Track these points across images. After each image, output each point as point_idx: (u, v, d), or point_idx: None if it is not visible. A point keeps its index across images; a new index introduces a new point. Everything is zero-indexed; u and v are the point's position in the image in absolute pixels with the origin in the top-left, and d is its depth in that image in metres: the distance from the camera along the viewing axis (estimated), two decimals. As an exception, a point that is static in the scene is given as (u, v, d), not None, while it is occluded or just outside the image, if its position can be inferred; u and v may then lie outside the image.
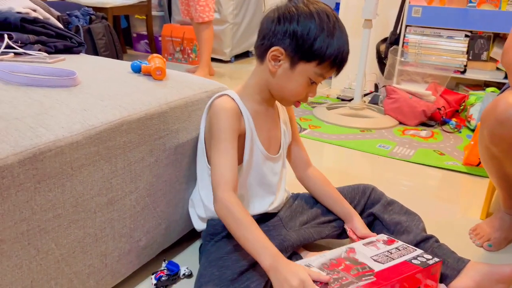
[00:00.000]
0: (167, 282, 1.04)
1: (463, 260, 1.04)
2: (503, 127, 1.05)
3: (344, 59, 0.98)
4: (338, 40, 0.95)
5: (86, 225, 0.86)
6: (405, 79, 2.60)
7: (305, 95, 1.02)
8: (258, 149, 1.05)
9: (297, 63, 0.97)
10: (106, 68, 1.18)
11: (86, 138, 0.82)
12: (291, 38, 0.95)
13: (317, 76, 0.98)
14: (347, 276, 0.85)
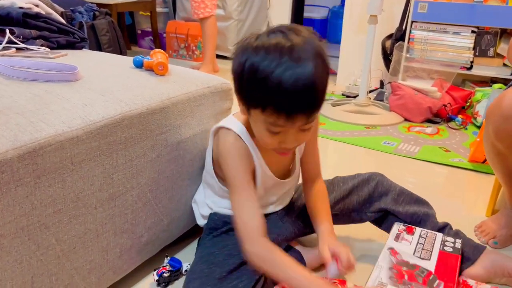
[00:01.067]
0: (169, 279, 1.04)
1: (479, 249, 1.07)
2: (509, 122, 1.03)
3: (293, 101, 0.76)
4: (279, 77, 0.75)
5: (87, 221, 0.85)
6: (410, 76, 2.58)
7: (275, 145, 0.86)
8: (269, 178, 1.00)
9: (248, 109, 0.84)
10: (108, 63, 1.17)
11: (86, 133, 0.81)
12: (235, 80, 0.84)
13: (270, 125, 0.81)
14: (418, 286, 0.91)
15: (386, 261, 0.98)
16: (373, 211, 1.12)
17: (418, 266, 0.97)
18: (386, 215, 1.13)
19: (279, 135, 0.84)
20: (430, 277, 0.93)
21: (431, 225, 1.11)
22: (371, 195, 1.12)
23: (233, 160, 0.92)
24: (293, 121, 0.80)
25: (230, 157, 0.93)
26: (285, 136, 0.84)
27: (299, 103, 0.77)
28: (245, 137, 0.93)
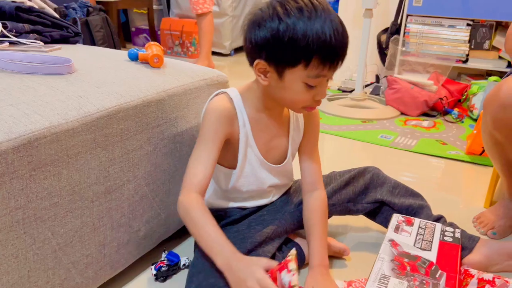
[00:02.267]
0: (167, 273, 1.03)
1: (474, 238, 1.08)
2: (507, 112, 1.03)
3: (336, 49, 0.84)
4: (319, 29, 0.81)
5: (84, 214, 0.84)
6: (406, 69, 2.58)
7: (310, 100, 0.90)
8: (254, 155, 0.99)
9: (283, 71, 0.86)
10: (102, 56, 1.16)
11: (82, 125, 0.80)
12: (266, 48, 0.85)
13: (311, 79, 0.86)
14: (421, 277, 0.90)
15: (387, 253, 0.97)
16: (368, 202, 1.13)
17: (420, 257, 0.96)
18: (380, 207, 1.14)
19: (315, 89, 0.89)
20: (432, 267, 0.93)
21: (425, 217, 1.11)
22: (367, 186, 1.13)
23: (210, 118, 0.94)
24: (334, 68, 0.87)
25: (209, 114, 0.94)
26: (319, 88, 0.89)
27: (340, 49, 0.85)
28: (238, 103, 0.96)
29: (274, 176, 1.05)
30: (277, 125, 1.02)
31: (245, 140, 0.97)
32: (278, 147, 1.04)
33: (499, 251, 1.06)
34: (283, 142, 1.04)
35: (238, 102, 0.96)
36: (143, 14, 4.01)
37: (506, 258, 1.06)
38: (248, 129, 0.97)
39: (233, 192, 1.04)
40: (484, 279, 0.96)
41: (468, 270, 1.00)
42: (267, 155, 1.02)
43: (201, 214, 0.88)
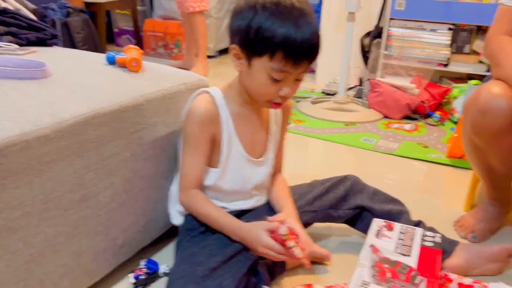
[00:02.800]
0: (146, 281, 1.01)
1: (453, 242, 1.09)
2: (486, 117, 1.04)
3: (301, 47, 0.87)
4: (288, 26, 0.85)
5: (58, 223, 0.82)
6: (389, 73, 2.60)
7: (275, 94, 0.93)
8: (238, 152, 1.01)
9: (251, 59, 0.91)
10: (79, 60, 1.14)
11: (55, 132, 0.77)
12: (239, 33, 0.90)
13: (276, 72, 0.89)
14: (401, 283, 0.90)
15: (367, 259, 0.97)
16: (349, 208, 1.13)
17: (400, 262, 0.96)
18: (361, 213, 1.14)
19: (279, 83, 0.91)
20: (412, 273, 0.93)
21: (405, 222, 1.11)
22: (347, 192, 1.14)
23: (193, 121, 0.97)
24: (298, 66, 0.89)
25: (191, 118, 0.97)
26: (284, 84, 0.92)
27: (306, 50, 0.87)
28: (220, 102, 0.98)
29: (259, 174, 1.06)
30: (259, 118, 1.04)
31: (228, 138, 0.99)
32: (260, 141, 1.06)
33: (478, 255, 1.07)
34: (264, 136, 1.06)
35: (220, 100, 0.98)
36: (126, 15, 3.97)
37: (486, 261, 1.07)
38: (231, 128, 0.99)
39: (216, 190, 1.03)
40: (464, 284, 0.96)
41: (447, 274, 1.00)
42: (251, 149, 1.03)
43: (202, 205, 0.99)
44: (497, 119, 1.03)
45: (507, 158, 1.12)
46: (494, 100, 1.03)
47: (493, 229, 1.26)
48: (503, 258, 1.08)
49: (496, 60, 1.10)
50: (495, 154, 1.11)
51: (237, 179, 1.03)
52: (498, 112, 1.02)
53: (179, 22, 3.57)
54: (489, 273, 1.07)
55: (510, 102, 1.02)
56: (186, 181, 1.00)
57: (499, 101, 1.02)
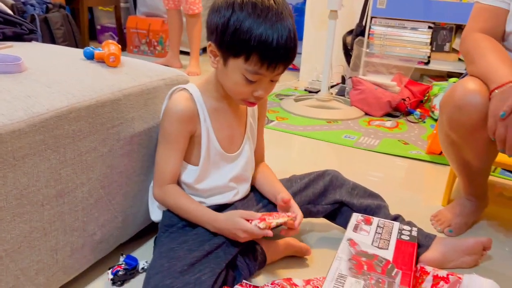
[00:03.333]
0: (124, 277, 1.00)
1: (430, 236, 1.11)
2: (461, 113, 1.06)
3: (276, 52, 0.86)
4: (265, 29, 0.84)
5: (33, 219, 0.81)
6: (370, 71, 2.62)
7: (249, 94, 0.94)
8: (215, 149, 1.02)
9: (227, 59, 0.91)
10: (57, 55, 1.12)
11: (29, 126, 0.77)
12: (216, 32, 0.90)
13: (250, 74, 0.89)
14: (377, 276, 0.91)
15: (345, 252, 0.98)
16: (328, 203, 1.14)
17: (377, 255, 0.97)
18: (340, 208, 1.15)
19: (254, 84, 0.91)
20: (389, 266, 0.94)
21: (383, 216, 1.13)
22: (326, 188, 1.15)
23: (172, 118, 0.97)
24: (273, 70, 0.89)
25: (170, 115, 0.98)
26: (258, 85, 0.92)
27: (282, 53, 0.87)
28: (198, 99, 0.99)
29: (236, 167, 1.06)
30: (235, 112, 1.05)
31: (206, 135, 1.00)
32: (237, 135, 1.06)
33: (454, 248, 1.09)
34: (241, 129, 1.07)
35: (198, 97, 0.99)
36: (109, 12, 3.93)
37: (461, 254, 1.09)
38: (208, 124, 1.00)
39: (193, 188, 1.03)
40: (439, 276, 0.98)
41: (424, 267, 1.02)
42: (227, 145, 1.04)
43: (178, 199, 1.00)
44: (472, 114, 1.05)
45: (482, 153, 1.14)
46: (469, 96, 1.04)
47: (469, 224, 1.29)
48: (478, 251, 1.10)
49: (470, 57, 1.13)
50: (470, 149, 1.13)
51: (216, 175, 1.03)
52: (473, 107, 1.04)
53: (163, 20, 3.56)
54: (465, 266, 1.09)
55: (485, 98, 1.04)
56: (162, 177, 1.00)
57: (474, 97, 1.04)
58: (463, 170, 1.23)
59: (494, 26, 1.14)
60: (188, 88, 1.00)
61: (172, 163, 1.00)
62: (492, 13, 1.14)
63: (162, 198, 1.02)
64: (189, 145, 1.01)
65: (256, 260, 1.04)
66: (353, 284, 0.87)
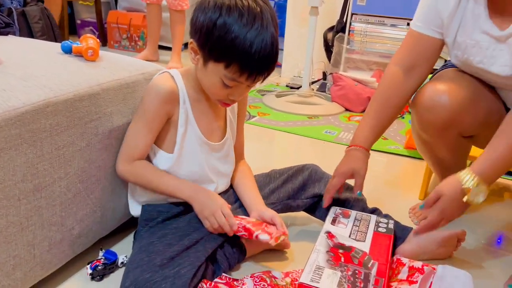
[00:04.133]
0: (103, 271, 1.00)
1: (407, 229, 1.13)
2: (430, 113, 1.08)
3: (259, 63, 0.86)
4: (249, 40, 0.84)
5: (9, 213, 0.80)
6: (351, 67, 2.65)
7: (224, 96, 0.94)
8: (194, 133, 1.01)
9: (207, 61, 0.90)
10: (34, 48, 1.11)
11: (5, 120, 0.76)
12: (199, 33, 0.88)
13: (229, 80, 0.90)
14: (354, 267, 0.92)
15: (323, 244, 1.00)
16: (307, 197, 1.16)
17: (354, 247, 0.99)
18: (319, 202, 1.17)
19: (231, 89, 0.92)
20: (365, 257, 0.96)
21: (361, 209, 1.15)
22: (305, 182, 1.17)
23: (153, 95, 0.96)
24: (252, 80, 0.90)
25: (151, 93, 0.97)
26: (235, 90, 0.93)
27: (263, 65, 0.88)
28: (179, 82, 0.98)
29: (215, 159, 1.06)
30: (215, 106, 1.04)
31: (185, 118, 0.99)
32: (217, 129, 1.06)
33: (429, 240, 1.11)
34: (221, 124, 1.07)
35: (179, 81, 0.99)
36: (89, 6, 3.88)
37: (436, 246, 1.11)
38: (188, 107, 0.99)
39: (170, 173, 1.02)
40: (414, 267, 1.00)
41: (400, 259, 1.04)
42: (207, 134, 1.03)
43: (153, 170, 1.00)
44: (441, 114, 1.07)
45: (454, 151, 1.17)
46: (438, 96, 1.07)
47: (445, 216, 1.32)
48: (452, 243, 1.13)
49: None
50: (442, 147, 1.16)
51: (192, 163, 1.03)
52: (441, 107, 1.06)
53: (144, 14, 3.53)
54: (439, 257, 1.12)
55: (453, 98, 1.06)
56: (130, 152, 0.99)
57: (441, 97, 1.06)
58: (437, 166, 1.26)
59: (416, 56, 1.12)
60: (170, 72, 0.99)
61: (143, 141, 0.98)
62: (416, 43, 1.12)
63: (129, 172, 0.99)
64: (164, 130, 0.99)
65: (236, 253, 1.05)
66: (330, 276, 0.89)
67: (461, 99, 1.07)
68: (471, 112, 1.08)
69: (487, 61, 1.03)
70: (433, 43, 1.11)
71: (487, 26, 1.00)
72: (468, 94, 1.08)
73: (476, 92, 1.10)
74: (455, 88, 1.07)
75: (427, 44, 1.11)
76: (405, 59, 1.14)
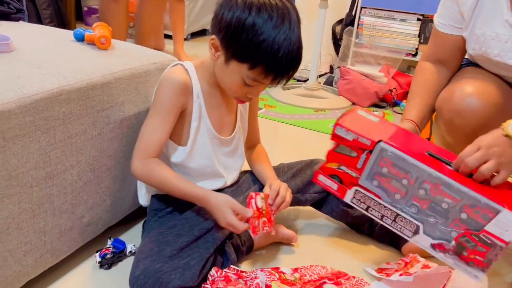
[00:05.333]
0: (112, 260, 1.01)
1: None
2: (460, 117, 1.04)
3: (284, 67, 0.87)
4: (277, 43, 0.83)
5: (22, 200, 0.81)
6: (359, 61, 2.64)
7: (242, 94, 0.94)
8: (206, 128, 1.00)
9: (230, 60, 0.89)
10: (46, 35, 1.11)
11: (20, 107, 0.76)
12: (225, 32, 0.86)
13: (251, 80, 0.89)
14: None
15: None
16: (315, 192, 1.16)
17: None
18: (327, 197, 1.17)
19: (250, 88, 0.91)
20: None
21: None
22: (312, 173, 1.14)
23: (167, 88, 0.95)
24: (276, 82, 0.90)
25: (166, 85, 0.95)
26: (255, 89, 0.93)
27: (289, 68, 0.88)
28: (193, 75, 0.97)
29: (224, 152, 1.06)
30: (227, 100, 1.04)
31: (198, 112, 0.98)
32: (228, 124, 1.06)
33: None
34: (232, 118, 1.07)
35: (193, 74, 0.97)
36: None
37: None
38: (201, 101, 0.98)
39: (182, 168, 1.02)
40: (429, 266, 0.99)
41: (416, 257, 1.03)
42: (219, 128, 1.03)
43: (166, 172, 0.95)
44: (470, 119, 1.03)
45: None
46: (467, 99, 1.03)
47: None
48: None
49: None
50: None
51: (203, 157, 1.02)
52: (472, 112, 1.03)
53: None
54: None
55: (483, 102, 1.03)
56: (146, 149, 0.94)
57: (472, 101, 1.03)
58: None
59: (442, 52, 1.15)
60: (184, 64, 0.98)
61: (159, 135, 0.94)
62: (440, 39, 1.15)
63: (144, 170, 0.94)
64: (178, 123, 0.98)
65: (244, 245, 1.05)
66: None
67: (491, 103, 1.05)
68: (501, 115, 1.05)
69: (505, 54, 1.02)
70: (454, 40, 1.12)
71: (509, 17, 1.00)
72: (497, 96, 1.06)
73: (502, 93, 1.08)
74: (484, 90, 1.04)
75: (449, 42, 1.13)
76: (432, 55, 1.17)
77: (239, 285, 0.87)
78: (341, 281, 0.97)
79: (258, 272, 0.95)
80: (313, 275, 0.99)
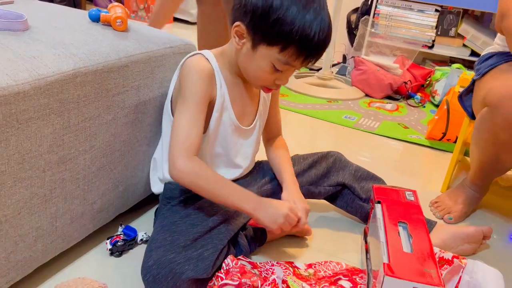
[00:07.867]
0: (123, 247, 0.99)
1: (431, 222, 1.11)
2: None
3: (316, 46, 0.84)
4: (308, 22, 0.81)
5: (34, 185, 0.78)
6: (374, 51, 2.58)
7: (271, 81, 0.91)
8: (229, 118, 0.98)
9: (258, 45, 0.86)
10: (61, 15, 1.07)
11: (34, 89, 0.73)
12: (251, 15, 0.84)
13: (281, 64, 0.87)
14: None
15: None
16: (330, 185, 1.14)
17: None
18: (341, 191, 1.15)
19: (279, 73, 0.89)
20: None
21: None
22: (329, 169, 1.14)
23: (196, 78, 0.91)
24: (306, 63, 0.88)
25: (193, 75, 0.91)
26: (284, 75, 0.90)
27: (320, 48, 0.85)
28: (215, 65, 0.95)
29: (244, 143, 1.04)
30: (250, 88, 1.01)
31: (221, 101, 0.96)
32: (250, 111, 1.04)
33: (454, 236, 1.09)
34: (254, 108, 1.05)
35: (215, 64, 0.95)
36: (107, -26, 3.80)
37: (461, 242, 1.09)
38: (225, 91, 0.96)
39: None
40: (444, 258, 0.95)
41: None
42: (241, 118, 1.01)
43: (214, 174, 0.92)
44: None
45: None
46: None
47: (469, 212, 1.29)
48: (477, 240, 1.10)
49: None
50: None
51: (222, 146, 1.00)
52: None
53: (163, -15, 3.45)
54: (464, 254, 1.09)
55: None
56: (188, 145, 0.88)
57: None
58: (488, 166, 1.18)
59: None
60: (204, 54, 0.95)
61: (197, 129, 0.90)
62: None
63: (191, 170, 0.88)
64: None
65: (257, 237, 1.03)
66: None
67: None
68: None
69: None
70: None
71: None
72: None
73: None
74: None
75: None
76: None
77: (254, 277, 0.85)
78: (356, 280, 0.94)
79: (275, 267, 0.93)
80: (327, 271, 0.97)
